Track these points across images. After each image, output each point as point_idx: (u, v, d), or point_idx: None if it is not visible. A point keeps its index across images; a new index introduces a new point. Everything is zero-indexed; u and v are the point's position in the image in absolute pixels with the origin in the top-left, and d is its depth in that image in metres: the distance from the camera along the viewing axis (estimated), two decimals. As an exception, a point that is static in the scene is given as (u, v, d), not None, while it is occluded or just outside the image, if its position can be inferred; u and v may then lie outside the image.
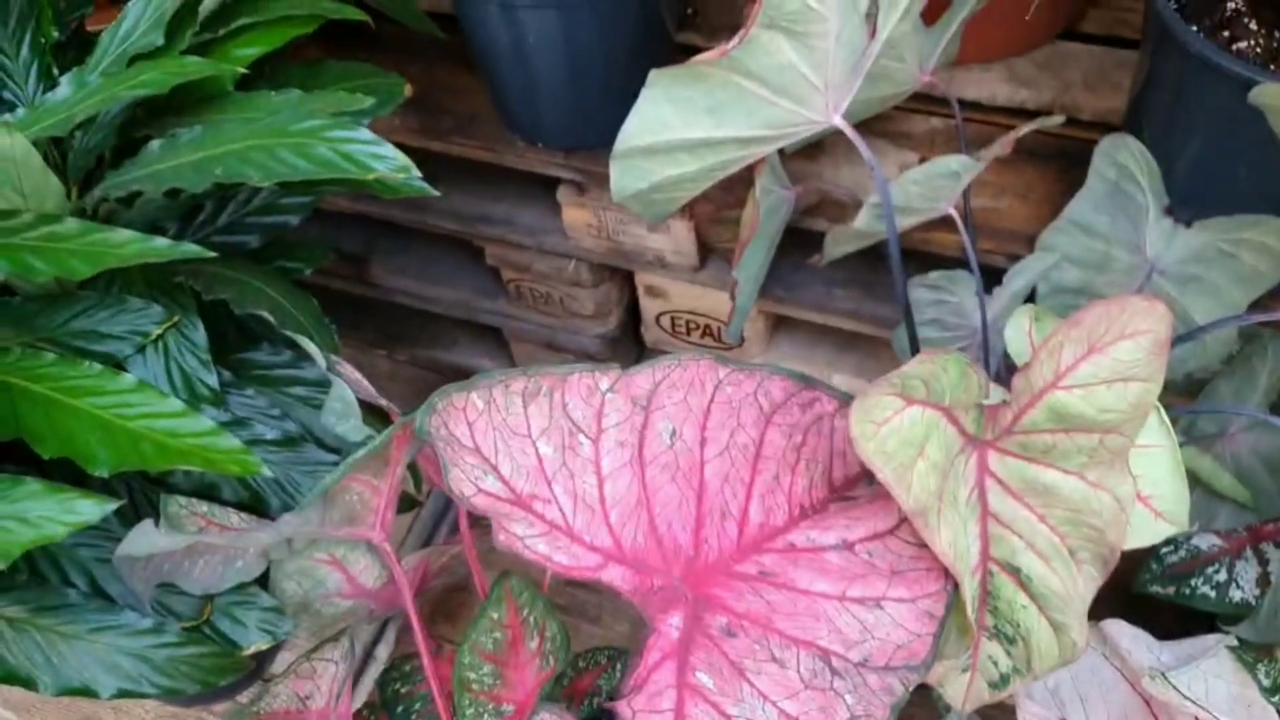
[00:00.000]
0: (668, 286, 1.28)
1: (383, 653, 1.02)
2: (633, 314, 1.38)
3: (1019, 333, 0.74)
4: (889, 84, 0.96)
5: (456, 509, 0.82)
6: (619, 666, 0.87)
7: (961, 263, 0.96)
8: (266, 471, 0.64)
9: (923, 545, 0.68)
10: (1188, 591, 0.89)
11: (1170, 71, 0.86)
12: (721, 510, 0.67)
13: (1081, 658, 0.86)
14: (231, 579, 0.75)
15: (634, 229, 1.17)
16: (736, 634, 0.58)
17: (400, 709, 0.78)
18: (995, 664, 0.77)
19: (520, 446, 0.60)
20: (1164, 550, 0.92)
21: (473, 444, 0.59)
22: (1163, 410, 0.73)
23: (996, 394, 0.69)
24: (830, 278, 1.17)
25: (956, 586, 0.66)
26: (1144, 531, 0.74)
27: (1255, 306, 0.89)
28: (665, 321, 1.34)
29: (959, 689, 0.79)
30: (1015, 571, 0.74)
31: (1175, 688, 0.73)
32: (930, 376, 0.62)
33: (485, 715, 0.72)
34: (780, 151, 0.98)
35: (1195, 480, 0.88)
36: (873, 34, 0.79)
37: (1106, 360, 0.66)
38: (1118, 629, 0.84)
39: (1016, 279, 0.92)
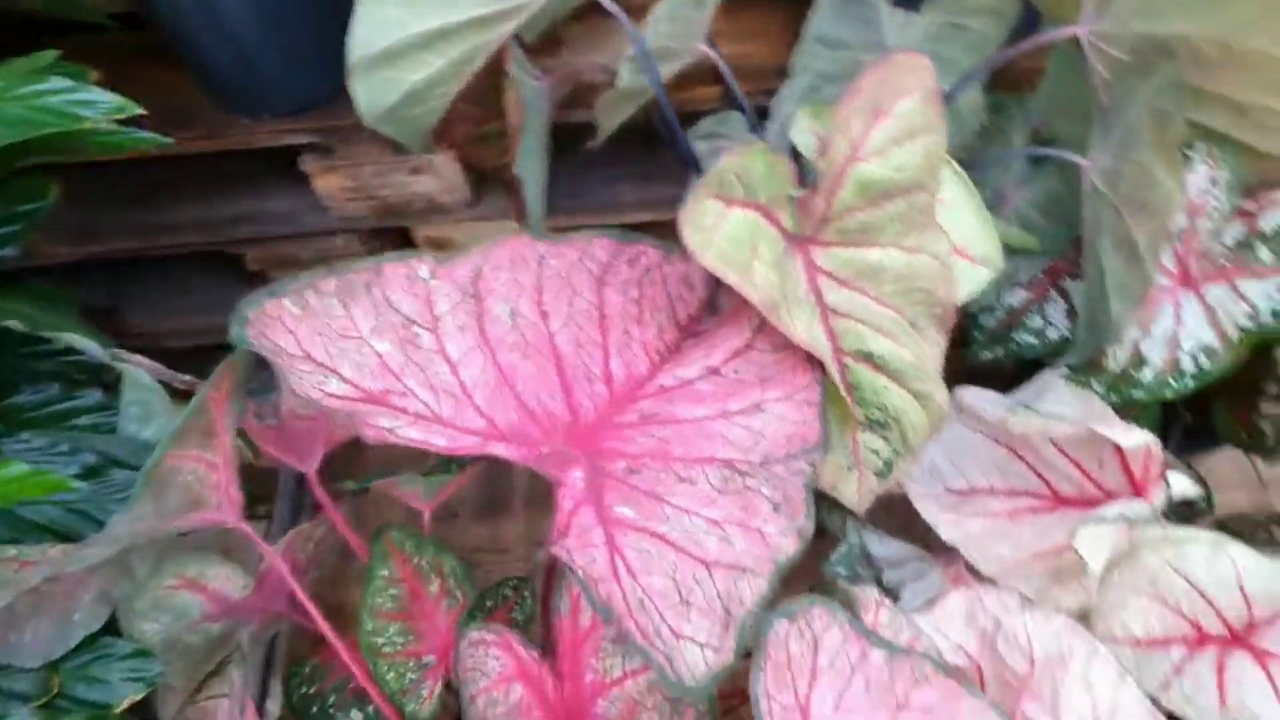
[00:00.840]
0: (450, 233, 1.23)
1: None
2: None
3: (804, 132, 0.75)
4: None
5: (310, 487, 0.75)
6: (527, 594, 0.83)
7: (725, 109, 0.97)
8: (76, 485, 0.56)
9: (781, 349, 0.68)
10: (1015, 346, 0.95)
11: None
12: (585, 374, 0.64)
13: (946, 430, 0.90)
14: (73, 636, 0.66)
15: (395, 177, 1.12)
16: (640, 470, 0.56)
17: (315, 710, 0.71)
18: (877, 453, 0.80)
19: (355, 348, 0.55)
20: (982, 319, 0.98)
21: (301, 351, 0.53)
22: (954, 163, 0.76)
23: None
24: (611, 175, 1.16)
25: (825, 371, 0.66)
26: (968, 280, 0.78)
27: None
28: (457, 270, 1.29)
29: (852, 488, 0.81)
30: (868, 357, 0.76)
31: (1036, 412, 0.77)
32: (742, 170, 0.62)
33: (408, 674, 0.67)
34: (523, 48, 0.96)
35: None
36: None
37: (892, 121, 0.69)
38: (970, 394, 0.88)
39: (782, 106, 0.94)
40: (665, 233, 1.26)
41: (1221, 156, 0.75)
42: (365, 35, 0.76)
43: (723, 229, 0.61)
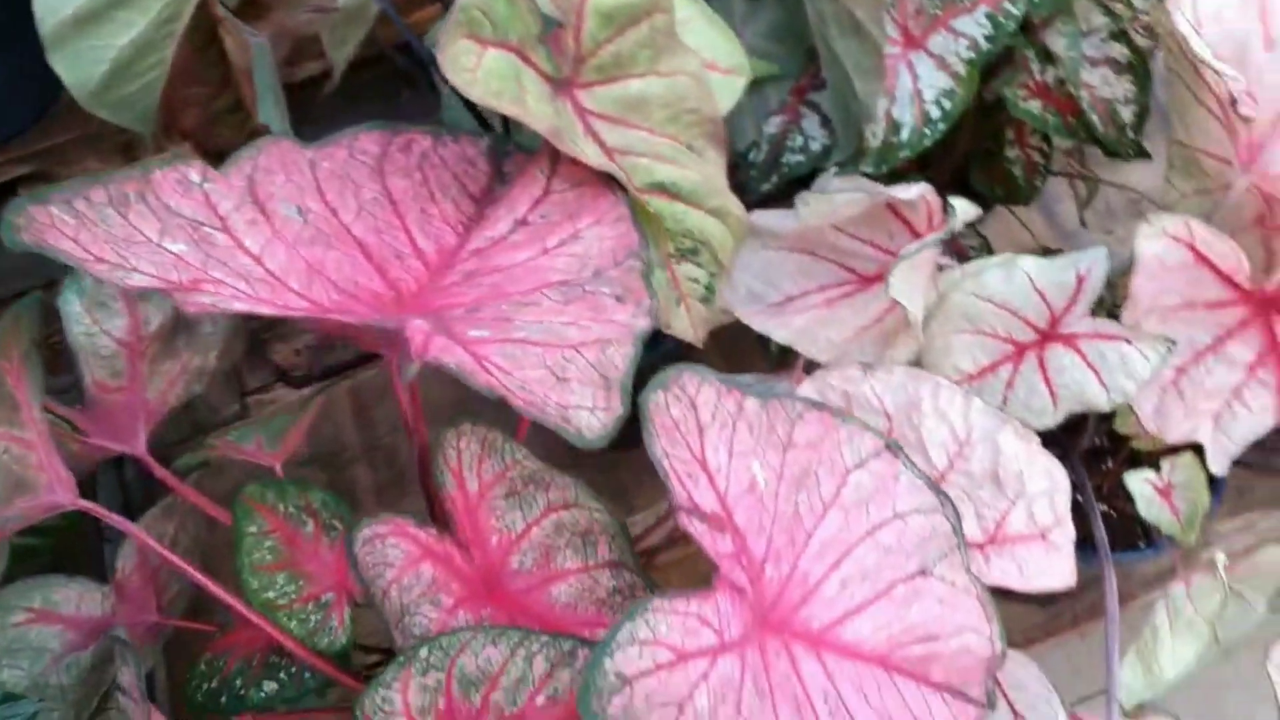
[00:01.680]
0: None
1: None
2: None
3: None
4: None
5: (148, 468, 0.70)
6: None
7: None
8: None
9: (579, 183, 0.69)
10: (786, 169, 1.00)
11: None
12: (394, 254, 0.63)
13: (752, 258, 0.94)
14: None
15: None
16: (480, 308, 0.56)
17: (225, 700, 0.66)
18: (696, 281, 0.83)
19: (149, 251, 0.52)
20: (752, 157, 1.03)
21: (91, 255, 0.49)
22: (678, -16, 0.80)
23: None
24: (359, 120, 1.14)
25: (626, 190, 0.68)
26: (725, 91, 0.82)
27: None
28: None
29: (684, 321, 0.83)
30: (661, 187, 0.78)
31: (825, 192, 0.82)
32: (486, 8, 0.62)
33: (313, 617, 0.64)
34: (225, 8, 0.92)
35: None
36: None
37: (611, -53, 0.71)
38: (762, 216, 0.93)
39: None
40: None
41: (905, -78, 0.82)
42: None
43: (485, 66, 0.62)
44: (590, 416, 0.47)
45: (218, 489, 0.85)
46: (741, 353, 1.02)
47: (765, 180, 1.02)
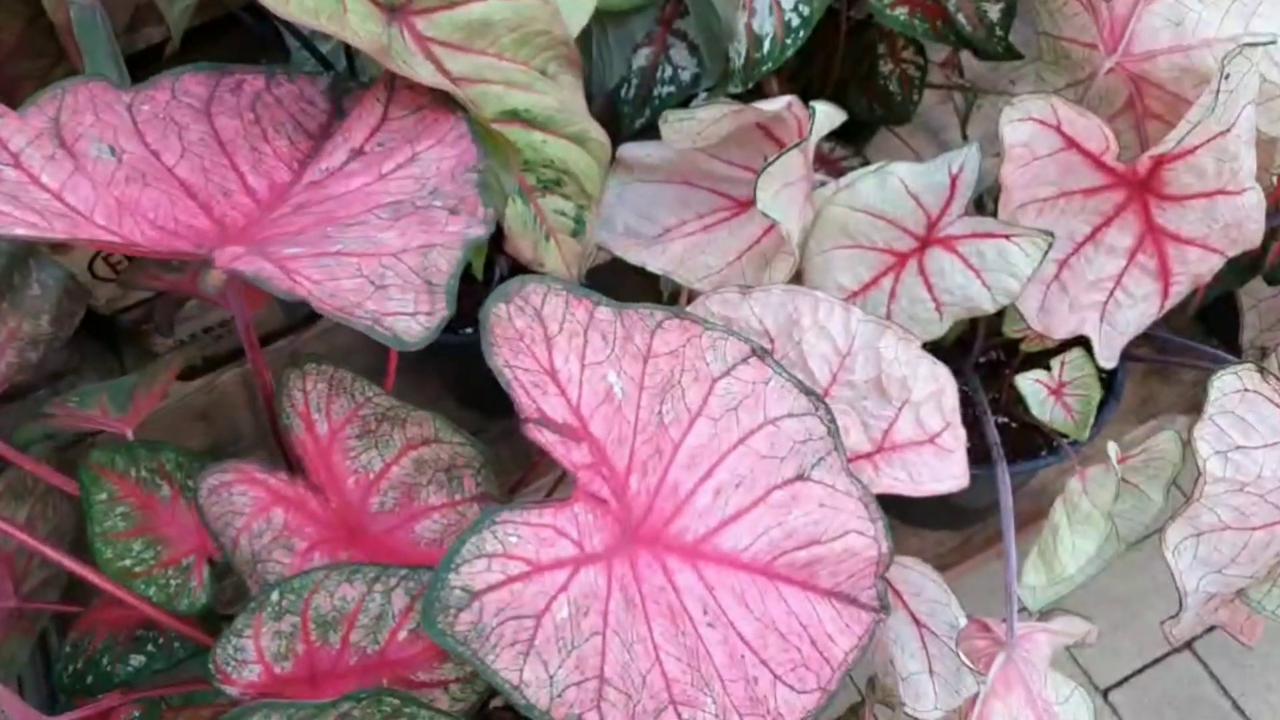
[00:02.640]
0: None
1: None
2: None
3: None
4: None
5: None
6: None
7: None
8: None
9: (419, 109, 0.66)
10: (658, 103, 0.98)
11: None
12: (222, 192, 0.59)
13: (626, 193, 0.92)
14: None
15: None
16: (302, 234, 0.52)
17: (92, 680, 0.62)
18: (563, 214, 0.80)
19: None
20: (623, 94, 1.00)
21: None
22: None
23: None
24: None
25: (466, 110, 0.65)
26: (575, 10, 0.79)
27: None
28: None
29: (555, 257, 0.80)
30: (515, 115, 0.75)
31: (690, 115, 0.80)
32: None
33: (173, 581, 0.60)
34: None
35: (596, 13, 0.96)
36: None
37: None
38: (630, 149, 0.90)
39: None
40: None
41: None
42: None
43: (295, -16, 0.58)
44: (410, 321, 0.44)
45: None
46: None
47: (639, 116, 0.99)
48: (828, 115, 0.76)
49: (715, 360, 0.58)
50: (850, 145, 1.06)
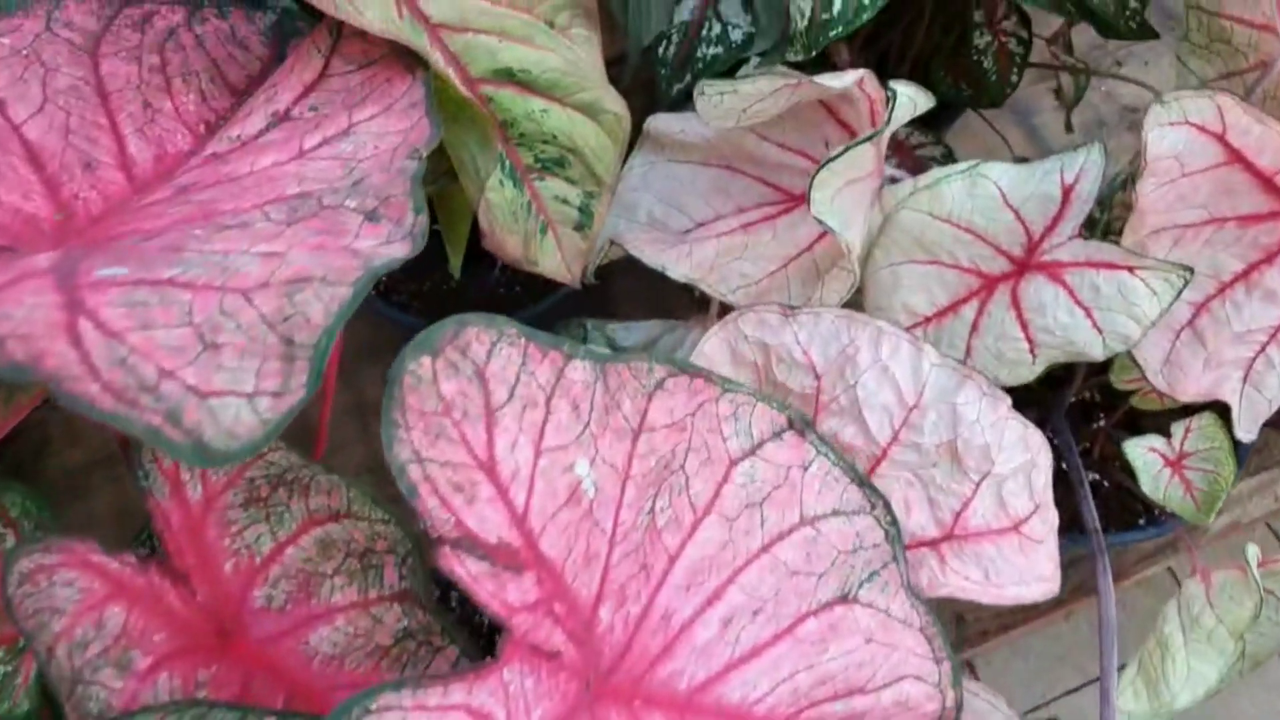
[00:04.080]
0: None
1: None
2: None
3: None
4: None
5: None
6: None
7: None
8: None
9: (368, 64, 0.50)
10: (702, 66, 0.81)
11: None
12: (83, 163, 0.44)
13: (654, 174, 0.75)
14: None
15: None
16: (162, 234, 0.37)
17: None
18: (566, 201, 0.64)
19: None
20: (661, 53, 0.83)
21: None
22: None
23: None
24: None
25: (426, 67, 0.49)
26: (596, -52, 0.62)
27: None
28: None
29: (554, 257, 0.65)
30: (509, 76, 0.59)
31: (731, 89, 0.63)
32: None
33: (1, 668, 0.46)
34: None
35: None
36: None
37: None
38: (662, 120, 0.74)
39: None
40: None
41: None
42: None
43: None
44: (241, 408, 0.28)
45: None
46: (663, 294, 0.82)
47: (678, 79, 0.82)
48: (911, 100, 0.59)
49: (735, 435, 0.42)
50: (929, 129, 0.88)
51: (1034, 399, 0.78)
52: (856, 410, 0.59)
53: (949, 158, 0.80)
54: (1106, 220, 0.71)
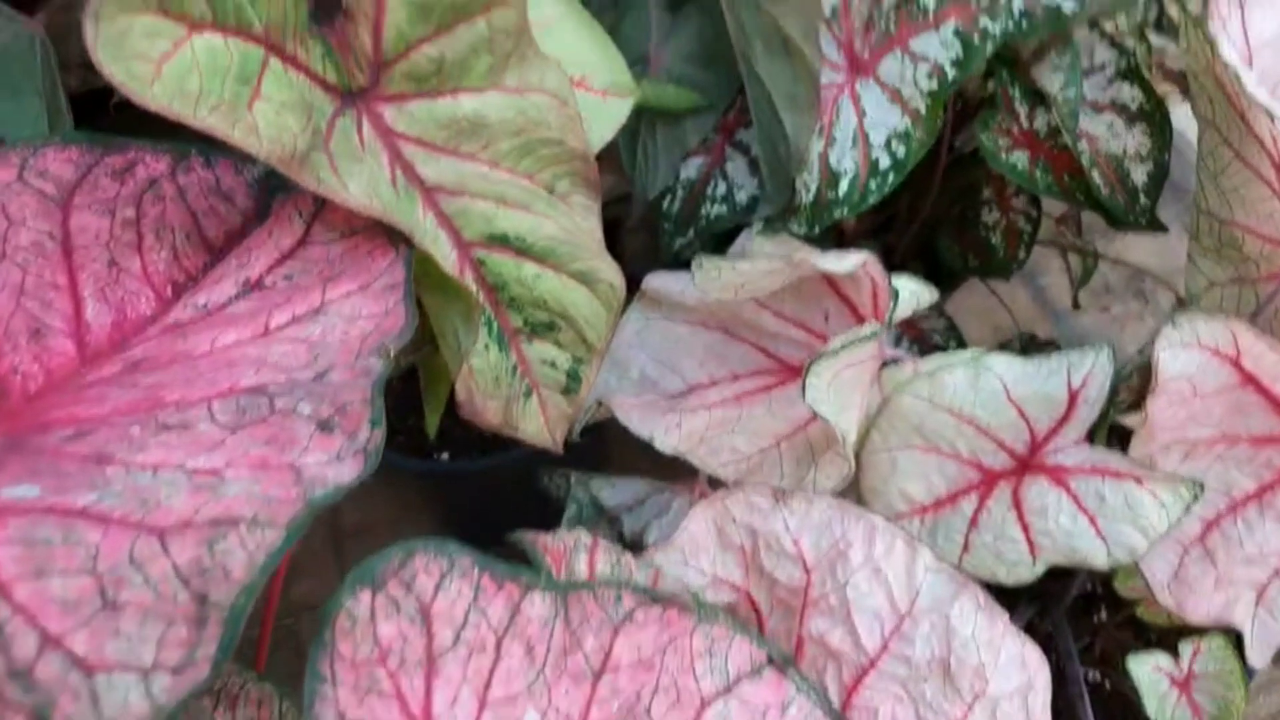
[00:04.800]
0: None
1: None
2: None
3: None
4: None
5: None
6: None
7: None
8: None
9: (351, 233, 0.48)
10: (705, 224, 0.80)
11: None
12: (30, 330, 0.42)
13: (650, 331, 0.73)
14: None
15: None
16: (94, 430, 0.34)
17: None
18: (554, 365, 0.61)
19: None
20: (666, 207, 0.82)
21: None
22: (536, -30, 0.59)
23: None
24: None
25: (410, 244, 0.47)
26: (603, 118, 0.61)
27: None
28: None
29: (535, 421, 0.62)
30: (504, 242, 0.57)
31: (725, 259, 0.61)
32: (191, -31, 0.41)
33: None
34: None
35: (643, 110, 0.78)
36: None
37: (428, -92, 0.50)
38: (659, 280, 0.72)
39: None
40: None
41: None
42: None
43: (181, 58, 0.41)
44: (134, 691, 0.25)
45: None
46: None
47: (681, 234, 0.81)
48: (914, 295, 0.57)
49: (709, 672, 0.39)
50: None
51: (1033, 590, 0.74)
52: (846, 612, 0.55)
53: (951, 330, 0.78)
54: (1108, 404, 0.69)
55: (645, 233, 0.97)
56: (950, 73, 0.59)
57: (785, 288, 0.68)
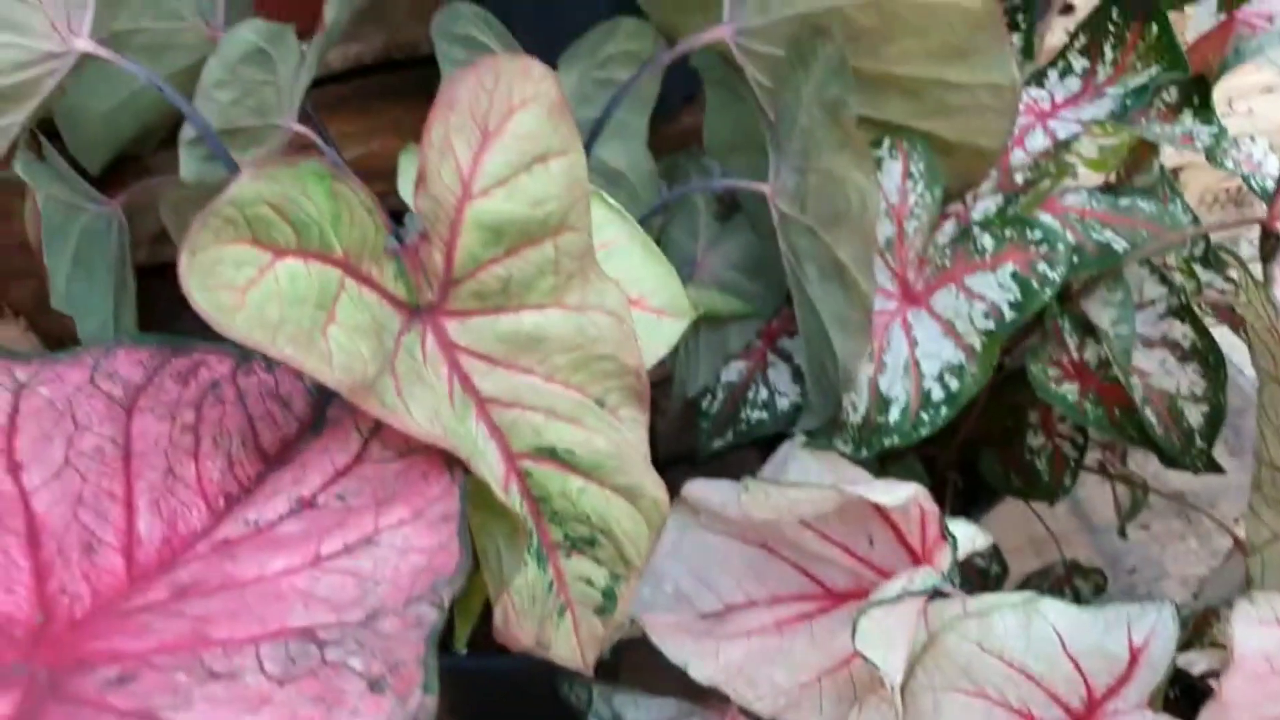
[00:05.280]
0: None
1: None
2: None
3: (406, 176, 0.58)
4: (173, 48, 0.78)
5: None
6: None
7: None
8: None
9: (406, 452, 0.48)
10: (745, 427, 0.80)
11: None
12: (83, 545, 0.41)
13: (686, 542, 0.72)
14: None
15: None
16: (138, 676, 0.33)
17: None
18: (591, 583, 0.60)
19: None
20: (705, 407, 0.82)
21: None
22: (605, 195, 0.62)
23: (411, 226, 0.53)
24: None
25: (466, 469, 0.47)
26: (656, 337, 0.62)
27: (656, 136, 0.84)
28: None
29: (568, 641, 0.60)
30: (551, 454, 0.57)
31: (774, 484, 0.60)
32: (282, 201, 0.43)
33: None
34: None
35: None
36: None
37: (509, 141, 0.53)
38: (701, 487, 0.71)
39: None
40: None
41: (910, 147, 0.64)
42: None
43: (265, 285, 0.42)
44: None
45: None
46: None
47: (719, 436, 0.81)
48: (969, 541, 0.56)
49: None
50: (962, 511, 0.85)
51: None
52: None
53: (995, 557, 0.76)
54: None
55: (680, 436, 0.96)
56: (1008, 315, 0.60)
57: (829, 510, 0.67)
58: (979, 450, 0.86)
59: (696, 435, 0.82)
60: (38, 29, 0.58)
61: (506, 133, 0.53)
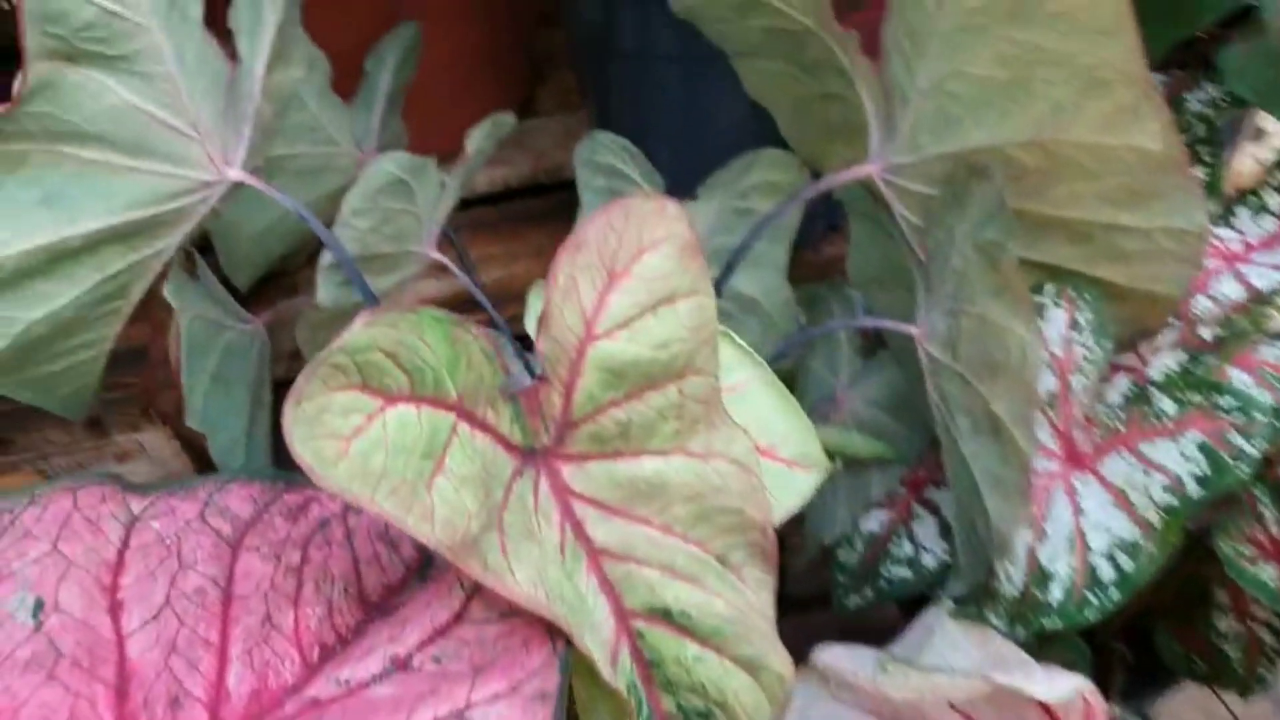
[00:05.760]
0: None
1: None
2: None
3: (532, 313, 0.57)
4: (327, 170, 0.81)
5: None
6: None
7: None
8: None
9: (507, 615, 0.45)
10: (885, 584, 0.73)
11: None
12: (169, 698, 0.39)
13: (809, 711, 0.65)
14: None
15: (97, 468, 0.88)
16: None
17: None
18: (705, 761, 0.54)
19: None
20: (842, 557, 0.76)
21: None
22: (735, 336, 0.58)
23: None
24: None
25: (568, 641, 0.43)
26: (787, 490, 0.57)
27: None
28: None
29: (677, 825, 0.54)
30: (666, 615, 0.53)
31: (917, 667, 0.54)
32: (396, 348, 0.41)
33: None
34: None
35: (831, 458, 0.75)
36: (234, 58, 0.62)
37: (636, 282, 0.50)
38: (833, 654, 0.65)
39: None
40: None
41: (1077, 295, 0.58)
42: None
43: (371, 434, 0.40)
44: None
45: None
46: None
47: (856, 591, 0.75)
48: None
49: None
50: (1132, 699, 0.75)
51: None
52: None
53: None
54: None
55: (813, 578, 0.90)
56: (1193, 490, 0.53)
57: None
58: (1152, 621, 0.76)
59: (831, 580, 0.76)
60: (195, 160, 0.61)
61: (633, 274, 0.50)
